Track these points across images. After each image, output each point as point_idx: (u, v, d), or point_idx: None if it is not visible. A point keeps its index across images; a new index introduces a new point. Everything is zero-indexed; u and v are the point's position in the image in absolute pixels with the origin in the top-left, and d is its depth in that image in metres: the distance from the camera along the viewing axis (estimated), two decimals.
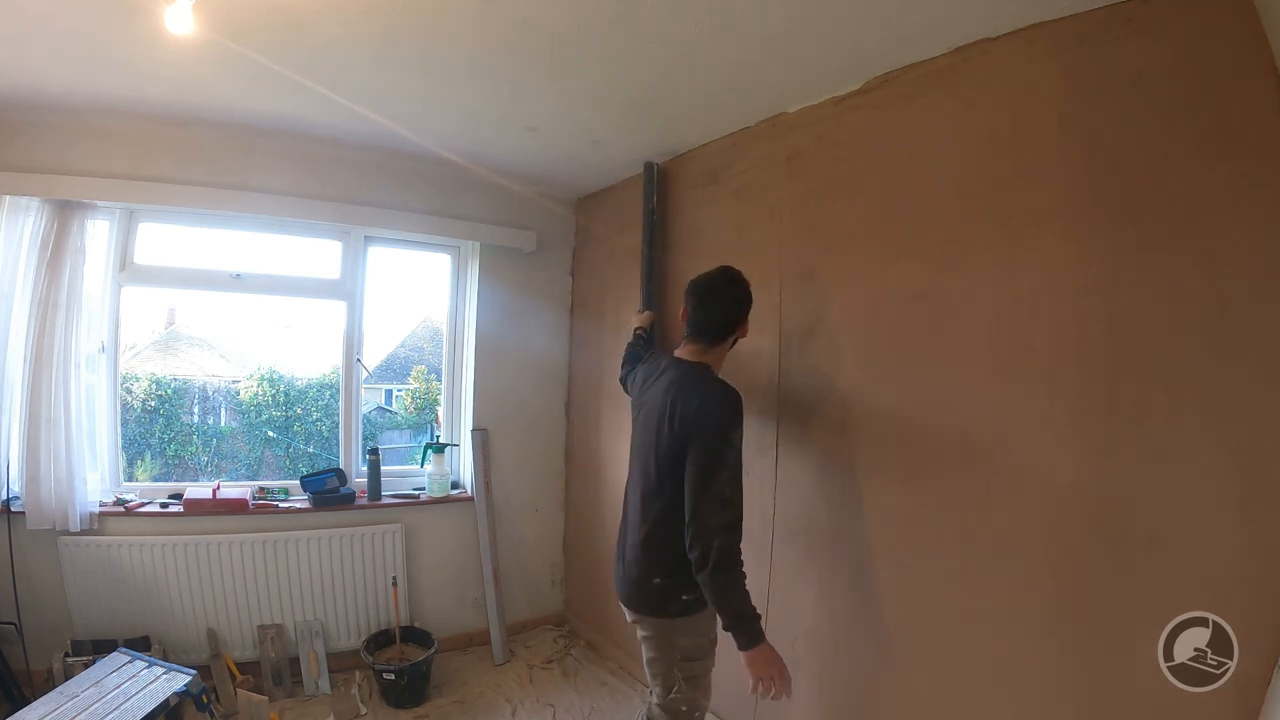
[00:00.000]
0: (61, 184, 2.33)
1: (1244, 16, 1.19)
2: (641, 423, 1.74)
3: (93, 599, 2.44)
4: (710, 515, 1.46)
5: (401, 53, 1.85)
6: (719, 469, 1.48)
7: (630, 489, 1.78)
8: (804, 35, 1.66)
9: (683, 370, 1.67)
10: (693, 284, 1.72)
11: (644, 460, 1.67)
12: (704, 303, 1.68)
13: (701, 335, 1.70)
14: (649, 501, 1.64)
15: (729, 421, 1.53)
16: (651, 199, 2.60)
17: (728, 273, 1.72)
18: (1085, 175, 1.42)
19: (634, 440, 1.79)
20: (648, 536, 1.64)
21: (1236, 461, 1.20)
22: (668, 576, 1.60)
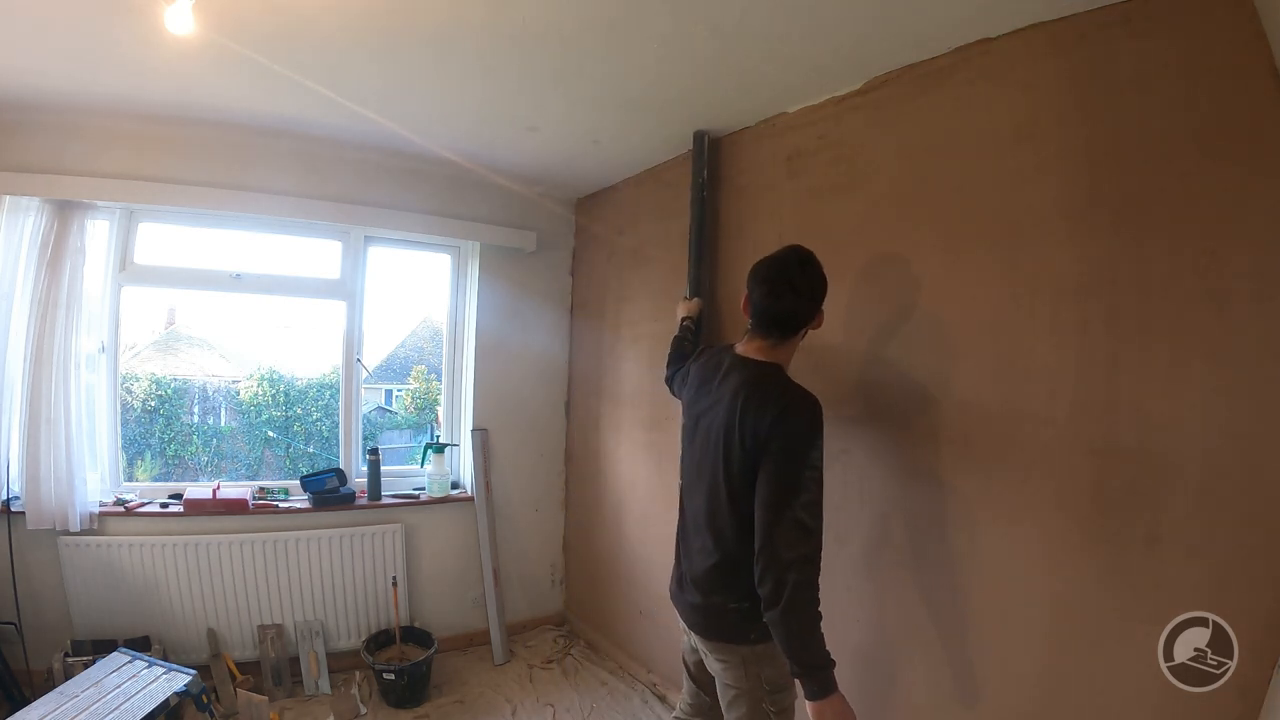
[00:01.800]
0: (61, 184, 2.33)
1: (1244, 16, 1.19)
2: (702, 433, 1.50)
3: (93, 599, 2.44)
4: (784, 546, 1.26)
5: (401, 53, 1.85)
6: (796, 493, 1.27)
7: (691, 507, 1.55)
8: (804, 35, 1.66)
9: (752, 372, 1.43)
10: (760, 267, 1.45)
11: (710, 477, 1.45)
12: (775, 290, 1.41)
13: (770, 329, 1.44)
14: (719, 524, 1.43)
15: (809, 438, 1.31)
16: (701, 173, 2.37)
17: (800, 253, 1.44)
18: (1085, 175, 1.42)
19: (692, 452, 1.56)
20: (722, 564, 1.43)
21: (1237, 461, 1.20)
22: (746, 599, 1.38)
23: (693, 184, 2.40)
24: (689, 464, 1.58)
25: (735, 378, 1.45)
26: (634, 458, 2.94)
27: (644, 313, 2.89)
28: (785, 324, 1.44)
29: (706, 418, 1.49)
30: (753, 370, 1.44)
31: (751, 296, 1.46)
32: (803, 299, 1.42)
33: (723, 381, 1.48)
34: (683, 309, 2.25)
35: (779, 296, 1.41)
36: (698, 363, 1.66)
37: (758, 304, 1.44)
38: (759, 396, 1.36)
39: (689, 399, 1.62)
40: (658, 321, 2.79)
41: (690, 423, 1.59)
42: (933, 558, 1.70)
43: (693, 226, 2.40)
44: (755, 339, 1.48)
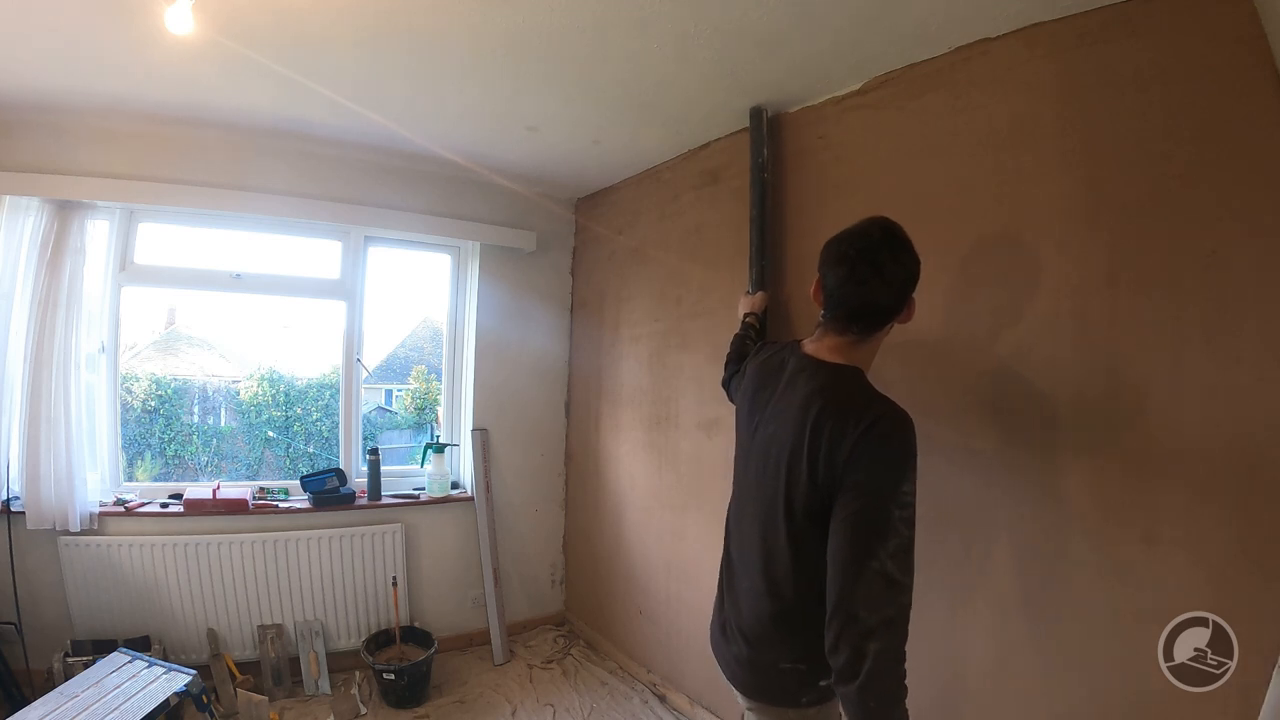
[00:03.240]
0: (61, 184, 2.33)
1: (1244, 17, 1.19)
2: (759, 453, 1.22)
3: (93, 599, 2.44)
4: (865, 606, 0.98)
5: (402, 53, 1.85)
6: (883, 538, 0.99)
7: (740, 540, 1.29)
8: (804, 35, 1.66)
9: (825, 379, 1.14)
10: (835, 245, 1.16)
11: (765, 509, 1.18)
12: (855, 273, 1.11)
13: (849, 322, 1.15)
14: (775, 568, 1.17)
15: (901, 466, 1.03)
16: (761, 152, 2.13)
17: (887, 227, 1.14)
18: (1085, 175, 1.42)
19: (745, 474, 1.29)
20: (775, 615, 1.18)
21: (1238, 461, 1.20)
22: (803, 660, 1.16)
23: (752, 165, 2.15)
24: (740, 487, 1.31)
25: (803, 385, 1.16)
26: (634, 458, 2.94)
27: (644, 313, 2.89)
28: (868, 317, 1.15)
29: (764, 433, 1.22)
30: (826, 376, 1.15)
31: (825, 281, 1.17)
32: (891, 285, 1.11)
33: (787, 389, 1.20)
34: (745, 304, 2.01)
35: (861, 282, 1.11)
36: (755, 362, 1.38)
37: (833, 291, 1.15)
38: (835, 411, 1.08)
39: (743, 407, 1.34)
40: (658, 321, 2.79)
41: (744, 437, 1.30)
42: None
43: (753, 212, 2.14)
44: (828, 335, 1.19)
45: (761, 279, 2.12)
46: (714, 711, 2.43)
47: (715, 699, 2.44)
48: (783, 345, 1.34)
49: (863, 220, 1.17)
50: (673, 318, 2.70)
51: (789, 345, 1.30)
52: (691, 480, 2.58)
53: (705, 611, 2.46)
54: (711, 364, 2.48)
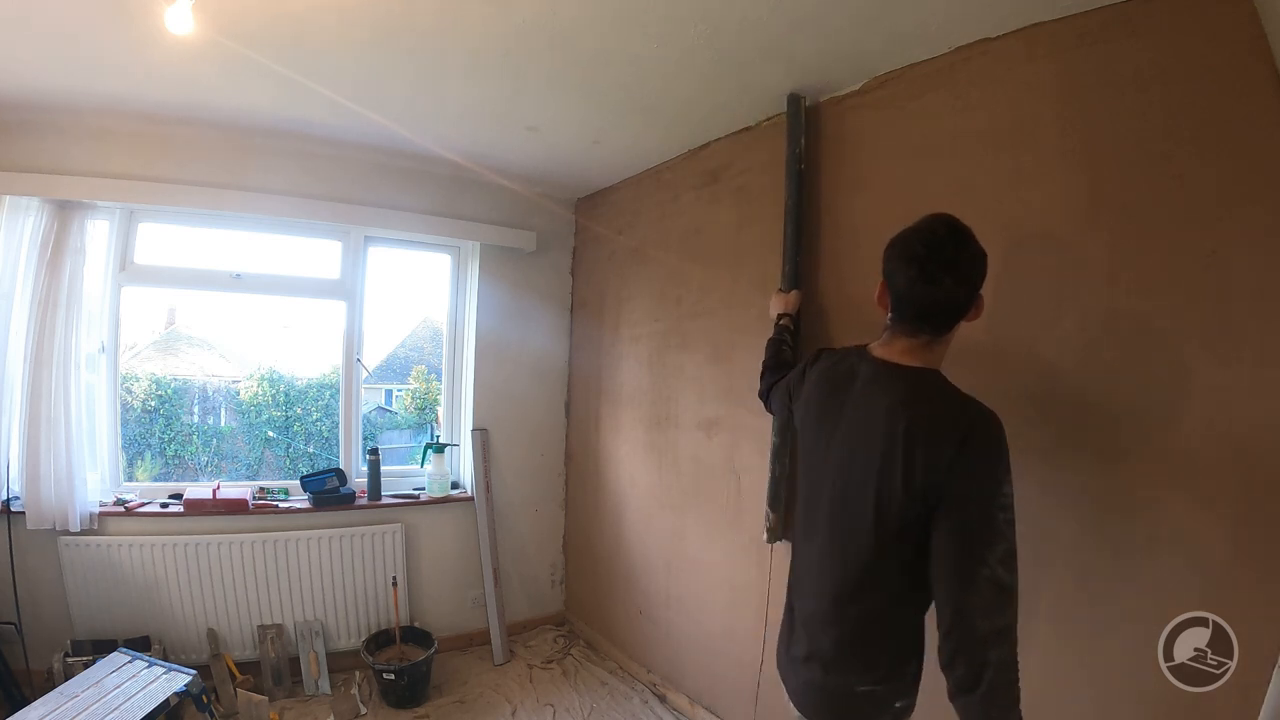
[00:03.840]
0: (61, 184, 2.33)
1: (1244, 17, 1.19)
2: (835, 466, 1.18)
3: (93, 599, 2.44)
4: (981, 614, 0.98)
5: (402, 53, 1.85)
6: (990, 543, 0.99)
7: (812, 558, 1.24)
8: (803, 35, 1.66)
9: (908, 384, 1.11)
10: (904, 244, 1.13)
11: (847, 526, 1.14)
12: (928, 272, 1.08)
13: (922, 323, 1.12)
14: (859, 586, 1.13)
15: (1001, 469, 1.02)
16: (799, 143, 2.01)
17: (952, 224, 1.12)
18: (1085, 175, 1.42)
19: (817, 489, 1.23)
20: (856, 637, 1.15)
21: (1238, 461, 1.20)
22: (882, 681, 1.14)
23: (788, 155, 2.03)
24: (810, 504, 1.25)
25: (883, 392, 1.12)
26: (634, 458, 2.94)
27: (644, 313, 2.89)
28: (942, 316, 1.11)
29: (842, 447, 1.17)
30: (909, 381, 1.11)
31: (893, 282, 1.14)
32: (963, 282, 1.09)
33: (864, 396, 1.15)
34: (778, 304, 1.92)
35: (934, 280, 1.08)
36: (816, 369, 1.32)
37: (904, 291, 1.12)
38: (928, 418, 1.05)
39: (809, 418, 1.28)
40: (658, 321, 2.79)
41: (814, 453, 1.25)
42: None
43: (788, 204, 2.03)
44: (899, 338, 1.15)
45: (795, 276, 2.01)
46: (714, 711, 2.44)
47: (715, 699, 2.44)
48: (846, 351, 1.28)
49: (925, 219, 1.14)
50: (673, 318, 2.70)
51: (854, 351, 1.25)
52: (691, 480, 2.58)
53: (705, 611, 2.49)
54: (711, 364, 2.48)
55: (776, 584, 2.17)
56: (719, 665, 2.42)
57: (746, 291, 2.32)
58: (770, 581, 2.19)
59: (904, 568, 1.08)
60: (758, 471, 2.25)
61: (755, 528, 2.25)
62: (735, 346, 2.37)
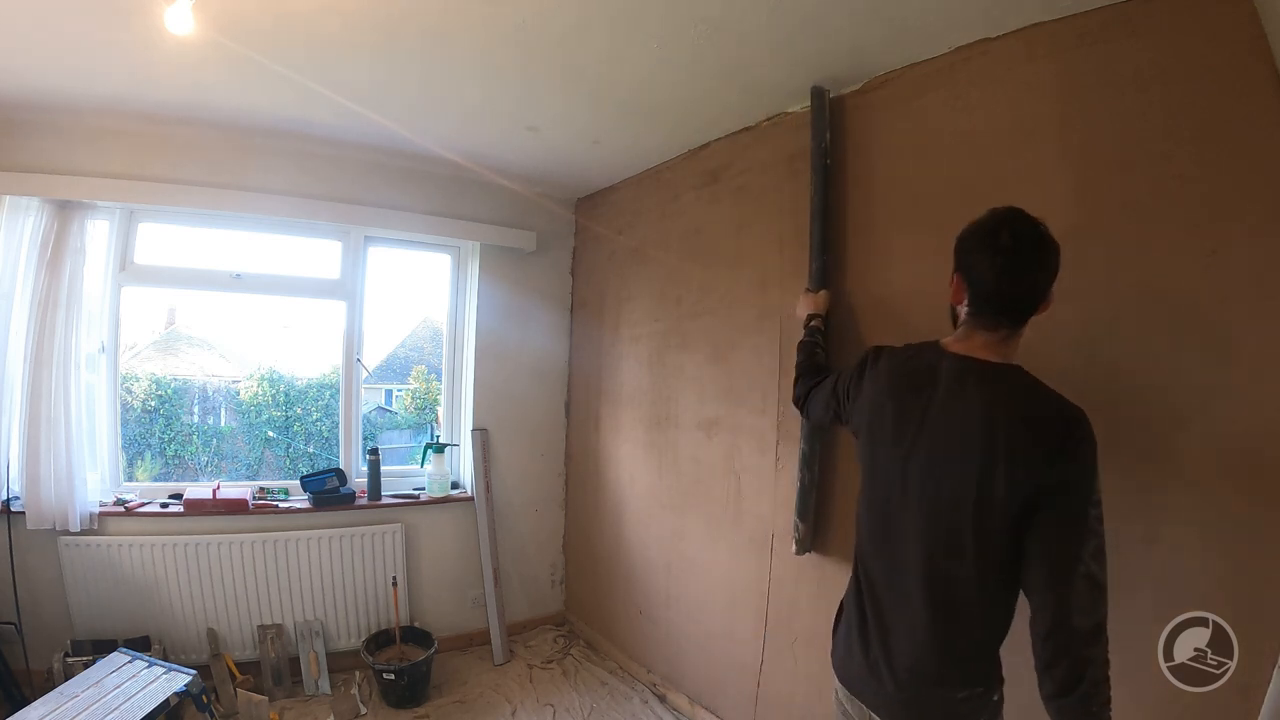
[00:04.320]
0: (61, 184, 2.33)
1: (1244, 17, 1.19)
2: (920, 471, 1.13)
3: (93, 599, 2.44)
4: (1078, 612, 0.98)
5: (401, 53, 1.85)
6: (1084, 540, 0.99)
7: (894, 569, 1.17)
8: (804, 35, 1.66)
9: (1000, 381, 1.08)
10: (989, 235, 1.09)
11: (943, 527, 1.09)
12: (1013, 262, 1.06)
13: (1002, 316, 1.10)
14: (957, 594, 1.09)
15: (1095, 464, 1.01)
16: (824, 137, 1.94)
17: (1029, 216, 1.09)
18: (1085, 175, 1.42)
19: (901, 496, 1.16)
20: (959, 643, 1.11)
21: (1238, 461, 1.20)
22: (980, 683, 1.11)
23: (813, 149, 1.97)
24: (892, 512, 1.18)
25: (975, 390, 1.08)
26: (634, 458, 2.94)
27: (644, 313, 2.89)
28: (1025, 309, 1.09)
29: (928, 447, 1.12)
30: (1000, 378, 1.08)
31: (972, 275, 1.11)
32: (1046, 271, 1.08)
33: (952, 395, 1.10)
34: (806, 304, 1.86)
35: (1022, 271, 1.06)
36: (882, 368, 1.26)
37: (986, 284, 1.09)
38: (1027, 417, 1.03)
39: (882, 421, 1.21)
40: (658, 321, 2.79)
41: (892, 453, 1.17)
42: None
43: (815, 201, 1.96)
44: (977, 333, 1.12)
45: (824, 275, 1.93)
46: (714, 711, 2.44)
47: (715, 699, 2.44)
48: (916, 348, 1.23)
49: (997, 210, 1.11)
50: (673, 318, 2.70)
51: (926, 348, 1.20)
52: (691, 480, 2.58)
53: (705, 611, 2.49)
54: (711, 364, 2.48)
55: (776, 584, 2.17)
56: (719, 665, 2.42)
57: (746, 291, 2.32)
58: (770, 581, 2.19)
59: (1001, 570, 1.06)
60: (757, 471, 2.25)
61: (755, 528, 2.25)
62: (735, 346, 2.37)
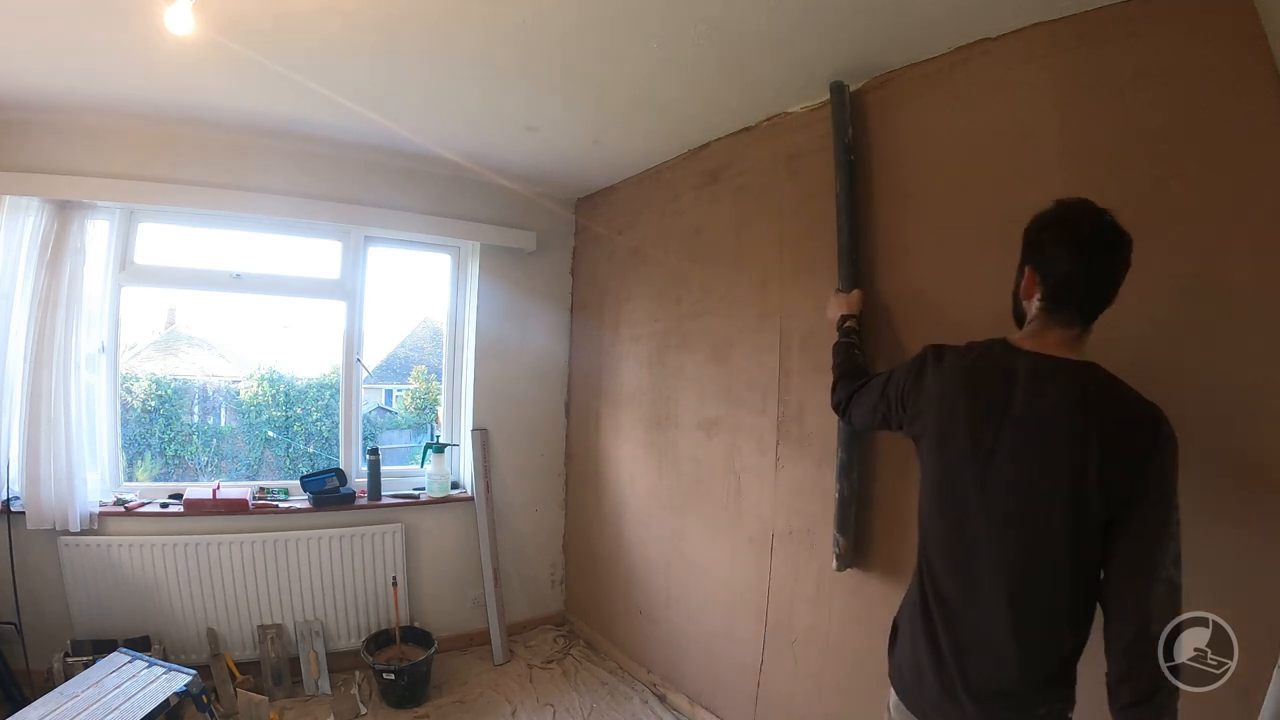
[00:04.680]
0: (61, 184, 2.33)
1: (1244, 17, 1.19)
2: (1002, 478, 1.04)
3: (93, 599, 2.44)
4: (1158, 619, 0.96)
5: (401, 53, 1.85)
6: (1168, 545, 0.96)
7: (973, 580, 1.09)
8: (804, 35, 1.66)
9: (1087, 380, 1.02)
10: (1068, 227, 1.05)
11: (1034, 536, 1.02)
12: (1095, 258, 1.02)
13: (1078, 311, 1.05)
14: (1050, 601, 1.03)
15: (1177, 467, 0.98)
16: (846, 132, 1.89)
17: (1098, 207, 1.05)
18: (1085, 175, 1.42)
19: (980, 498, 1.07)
20: (1041, 652, 1.05)
21: (1238, 461, 1.20)
22: (1059, 699, 1.07)
23: (836, 145, 1.91)
24: (969, 521, 1.09)
25: (1061, 391, 1.02)
26: (634, 458, 2.94)
27: (644, 313, 2.89)
28: (1100, 303, 1.04)
29: (1010, 451, 1.04)
30: (1086, 377, 1.02)
31: (1049, 268, 1.06)
32: (1124, 264, 1.03)
33: (1035, 396, 1.03)
34: (839, 305, 1.77)
35: (1100, 263, 1.02)
36: (946, 368, 1.18)
37: (1066, 276, 1.04)
38: (1118, 417, 0.98)
39: (953, 423, 1.11)
40: (658, 321, 2.79)
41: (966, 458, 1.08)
42: None
43: (841, 198, 1.88)
44: (1052, 329, 1.07)
45: (855, 275, 1.85)
46: (714, 711, 2.44)
47: (715, 699, 2.44)
48: (983, 347, 1.15)
49: (1065, 201, 1.07)
50: (673, 318, 2.70)
51: (995, 346, 1.13)
52: (691, 480, 2.58)
53: (705, 611, 2.49)
54: (711, 364, 2.48)
55: (776, 584, 2.17)
56: (719, 665, 2.42)
57: (746, 291, 2.32)
58: (770, 581, 2.19)
59: (1086, 580, 1.01)
60: (757, 471, 2.25)
61: (755, 528, 2.25)
62: (735, 346, 2.37)
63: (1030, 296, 1.10)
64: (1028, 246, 1.09)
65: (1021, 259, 1.11)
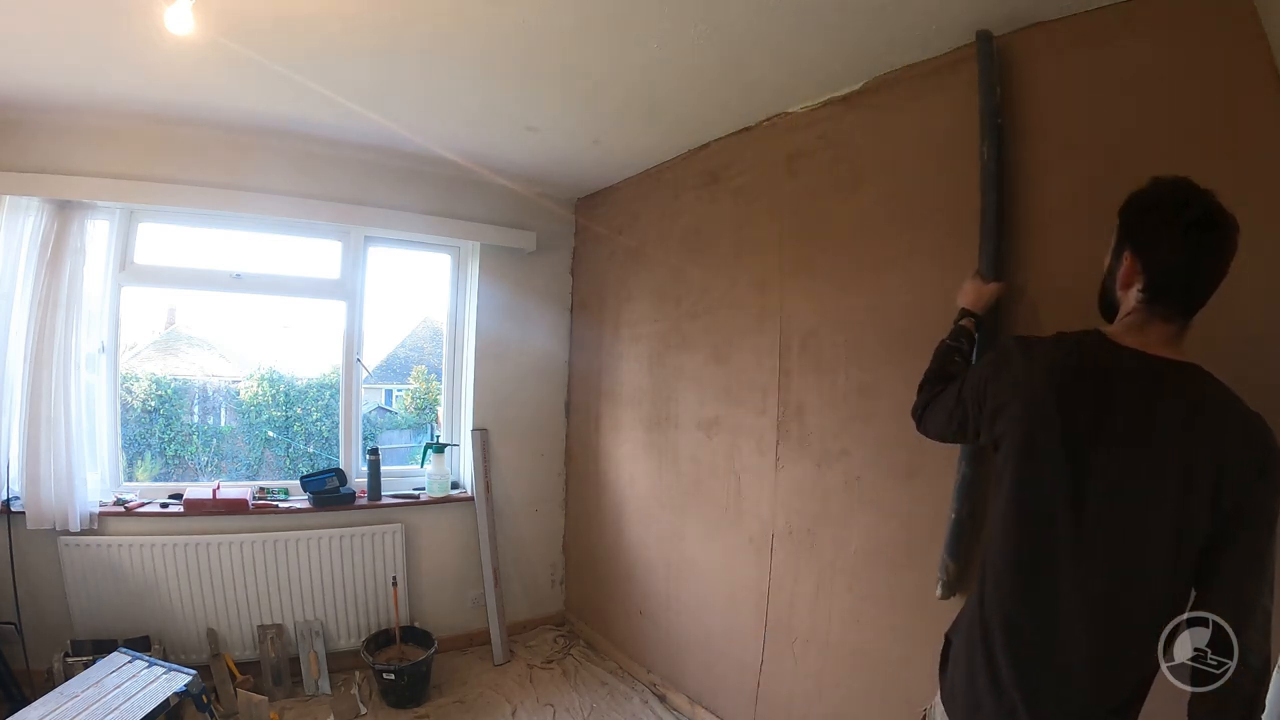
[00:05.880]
0: (61, 184, 2.33)
1: (1244, 16, 1.19)
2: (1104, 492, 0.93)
3: (93, 599, 2.44)
4: (1256, 648, 0.88)
5: (402, 53, 1.85)
6: (1268, 566, 0.89)
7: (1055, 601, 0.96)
8: (804, 35, 1.66)
9: (1198, 383, 0.93)
10: (1173, 209, 0.93)
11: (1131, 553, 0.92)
12: (1207, 244, 0.92)
13: (1180, 306, 0.95)
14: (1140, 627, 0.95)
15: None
16: (994, 92, 1.54)
17: (1202, 188, 0.94)
18: (1085, 176, 1.42)
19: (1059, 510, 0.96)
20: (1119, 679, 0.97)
21: None
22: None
23: (983, 108, 1.55)
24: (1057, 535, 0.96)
25: (1171, 393, 0.92)
26: (634, 458, 2.94)
27: (644, 313, 2.89)
28: (1205, 295, 0.94)
29: (1110, 462, 0.92)
30: (1193, 380, 0.93)
31: (1154, 255, 0.95)
32: (1232, 252, 0.93)
33: (1142, 399, 0.93)
34: (969, 296, 1.46)
35: (1211, 250, 0.92)
36: (1027, 364, 1.03)
37: (1175, 265, 0.93)
38: (1232, 428, 0.89)
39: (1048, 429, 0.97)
40: (658, 321, 2.79)
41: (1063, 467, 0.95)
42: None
43: (987, 170, 1.54)
44: (1155, 324, 0.96)
45: (997, 261, 1.52)
46: (714, 711, 2.44)
47: (715, 699, 2.44)
48: (1074, 341, 1.02)
49: (1164, 180, 0.96)
50: (673, 318, 2.70)
51: (1089, 340, 1.00)
52: (691, 480, 2.58)
53: (705, 611, 2.49)
54: (712, 364, 2.48)
55: (776, 584, 2.17)
56: (719, 665, 2.42)
57: (746, 291, 2.32)
58: (770, 581, 2.19)
59: (1177, 604, 0.92)
60: (757, 471, 2.25)
61: (755, 528, 2.25)
62: (735, 346, 2.37)
63: (1129, 286, 0.98)
64: (1126, 229, 0.98)
65: (1117, 242, 0.99)
